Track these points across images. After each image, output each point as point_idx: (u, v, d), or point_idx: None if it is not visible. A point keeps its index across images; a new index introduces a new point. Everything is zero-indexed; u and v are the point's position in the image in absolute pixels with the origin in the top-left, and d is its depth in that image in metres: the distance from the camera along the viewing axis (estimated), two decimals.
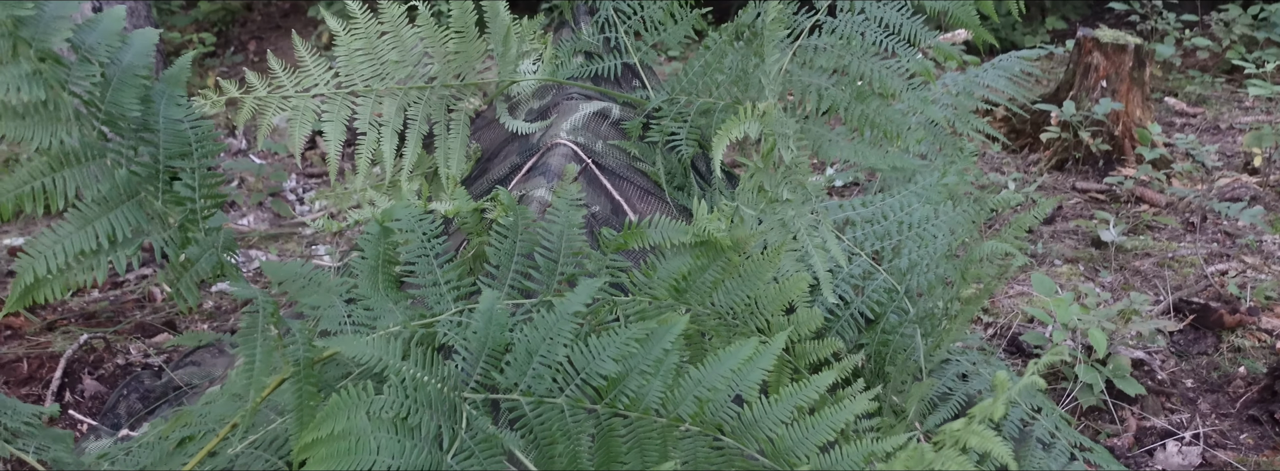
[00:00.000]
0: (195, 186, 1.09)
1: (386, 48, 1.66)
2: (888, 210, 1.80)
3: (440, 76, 1.73)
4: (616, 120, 1.88)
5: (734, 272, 1.47)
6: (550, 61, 1.91)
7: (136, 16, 4.58)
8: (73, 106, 0.99)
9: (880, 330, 1.64)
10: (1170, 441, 2.27)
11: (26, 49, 0.96)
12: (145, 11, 4.72)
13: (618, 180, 1.77)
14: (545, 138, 1.79)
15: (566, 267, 1.43)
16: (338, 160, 1.65)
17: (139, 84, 1.04)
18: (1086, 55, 3.63)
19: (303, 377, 1.14)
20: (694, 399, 1.23)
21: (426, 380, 1.10)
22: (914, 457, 1.05)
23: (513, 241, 1.43)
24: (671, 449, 1.22)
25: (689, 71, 1.83)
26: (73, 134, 0.99)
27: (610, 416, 1.21)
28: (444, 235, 1.42)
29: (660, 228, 1.44)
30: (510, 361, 1.19)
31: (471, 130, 1.86)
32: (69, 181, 0.99)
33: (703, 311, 1.46)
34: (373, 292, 1.37)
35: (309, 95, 1.62)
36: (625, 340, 1.22)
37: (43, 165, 0.97)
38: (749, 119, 1.42)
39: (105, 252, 1.00)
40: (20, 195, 0.97)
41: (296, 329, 1.15)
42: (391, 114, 1.67)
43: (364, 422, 1.02)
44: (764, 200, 1.50)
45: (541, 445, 1.18)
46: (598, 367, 1.20)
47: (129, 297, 3.31)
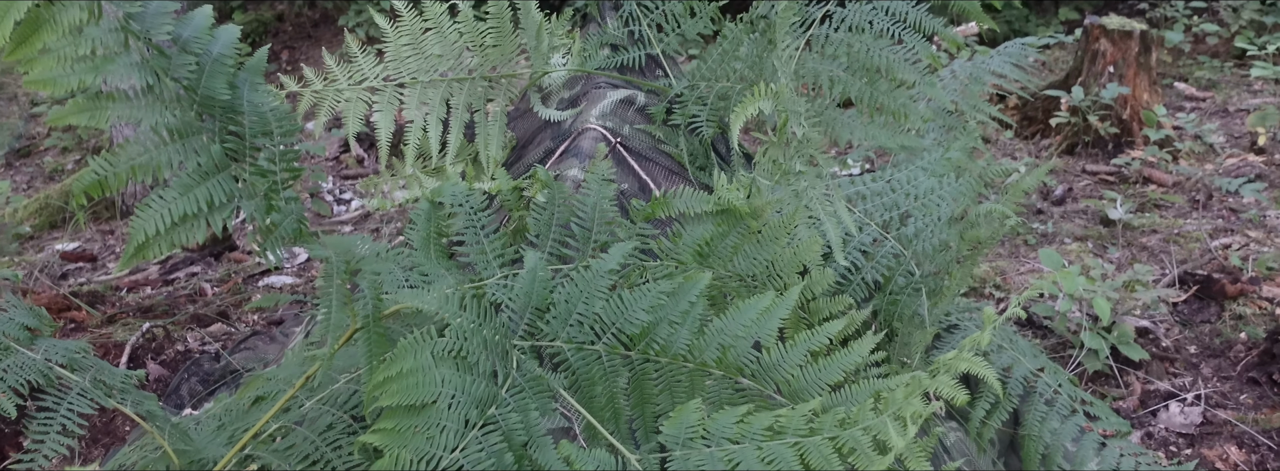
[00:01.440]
0: (276, 160, 1.24)
1: (431, 43, 1.81)
2: (896, 184, 1.94)
3: (479, 69, 1.88)
4: (641, 106, 2.03)
5: (752, 238, 1.61)
6: (579, 54, 2.06)
7: None
8: (174, 91, 1.15)
9: (888, 292, 1.78)
10: (1172, 402, 2.39)
11: (136, 41, 1.12)
12: None
13: (644, 161, 1.92)
14: (576, 123, 1.94)
15: (600, 236, 1.58)
16: (388, 147, 1.80)
17: (226, 72, 1.20)
18: (1094, 42, 3.75)
19: (372, 329, 1.29)
20: (718, 346, 1.37)
21: (480, 328, 1.25)
22: (913, 385, 1.19)
23: (551, 213, 1.58)
24: (698, 390, 1.37)
25: (708, 60, 1.97)
26: (174, 115, 1.15)
27: (643, 361, 1.35)
28: (489, 209, 1.57)
29: (684, 198, 1.59)
30: (552, 315, 1.34)
31: (507, 120, 2.01)
32: (173, 155, 1.14)
33: (724, 274, 1.60)
34: (426, 260, 1.53)
35: (361, 88, 1.77)
36: (655, 294, 1.37)
37: (154, 140, 1.13)
38: (763, 97, 1.56)
39: (205, 215, 1.15)
40: (134, 167, 1.12)
41: (365, 286, 1.30)
42: (436, 104, 1.82)
43: (429, 361, 1.17)
44: (779, 172, 1.64)
45: (582, 386, 1.32)
46: (631, 318, 1.35)
47: (181, 293, 3.49)
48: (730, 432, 1.23)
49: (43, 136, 6.11)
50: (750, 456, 1.20)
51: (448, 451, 1.11)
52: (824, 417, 1.22)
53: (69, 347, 1.45)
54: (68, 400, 1.35)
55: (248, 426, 1.53)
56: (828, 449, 1.18)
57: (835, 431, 1.19)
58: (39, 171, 5.77)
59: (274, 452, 1.50)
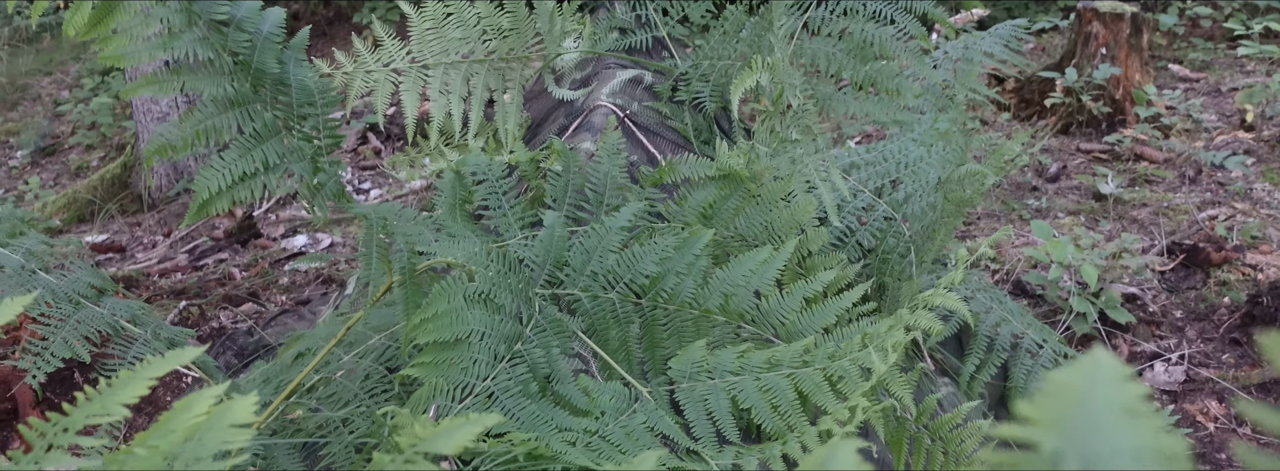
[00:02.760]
0: (319, 128, 1.39)
1: (452, 27, 1.95)
2: (887, 153, 2.08)
3: (497, 52, 2.02)
4: (649, 85, 2.16)
5: (752, 201, 1.75)
6: (589, 37, 2.20)
7: None
8: (230, 64, 1.29)
9: (880, 252, 1.91)
10: (1157, 362, 2.52)
11: (197, 19, 1.26)
12: None
13: (651, 135, 2.06)
14: (587, 101, 2.08)
15: (612, 200, 1.72)
16: (414, 124, 1.94)
17: (275, 48, 1.34)
18: (1087, 25, 3.87)
19: (407, 280, 1.43)
20: (720, 294, 1.51)
21: (506, 277, 1.39)
22: (897, 323, 1.33)
23: (566, 180, 1.72)
24: (703, 334, 1.50)
25: (710, 40, 2.11)
26: (232, 86, 1.29)
27: (652, 308, 1.49)
28: (509, 178, 1.71)
29: (689, 164, 1.73)
30: (570, 268, 1.48)
31: (523, 100, 2.15)
32: (231, 121, 1.28)
33: (726, 234, 1.74)
34: (453, 223, 1.67)
35: (388, 69, 1.91)
36: (663, 248, 1.51)
37: (214, 108, 1.27)
38: (761, 70, 1.70)
39: (261, 175, 1.30)
40: (198, 131, 1.27)
41: (400, 243, 1.44)
42: (458, 84, 1.96)
43: (461, 303, 1.31)
44: (776, 140, 1.78)
45: (598, 330, 1.46)
46: (641, 269, 1.49)
47: (211, 277, 3.64)
48: (731, 366, 1.37)
49: (67, 135, 6.27)
50: (749, 386, 1.34)
51: (480, 380, 1.25)
52: (816, 352, 1.36)
53: (131, 306, 1.60)
54: (134, 349, 1.50)
55: (292, 379, 1.68)
56: (819, 377, 1.31)
57: (825, 363, 1.33)
58: (65, 168, 5.93)
59: (317, 399, 1.65)
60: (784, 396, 1.32)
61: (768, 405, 1.32)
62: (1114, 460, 0.28)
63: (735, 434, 1.33)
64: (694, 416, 1.34)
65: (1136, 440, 0.28)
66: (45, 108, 6.72)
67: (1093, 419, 0.29)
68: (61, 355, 1.39)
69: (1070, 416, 0.30)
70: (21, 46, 7.86)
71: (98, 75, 6.62)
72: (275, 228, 4.14)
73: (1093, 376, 0.32)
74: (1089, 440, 0.29)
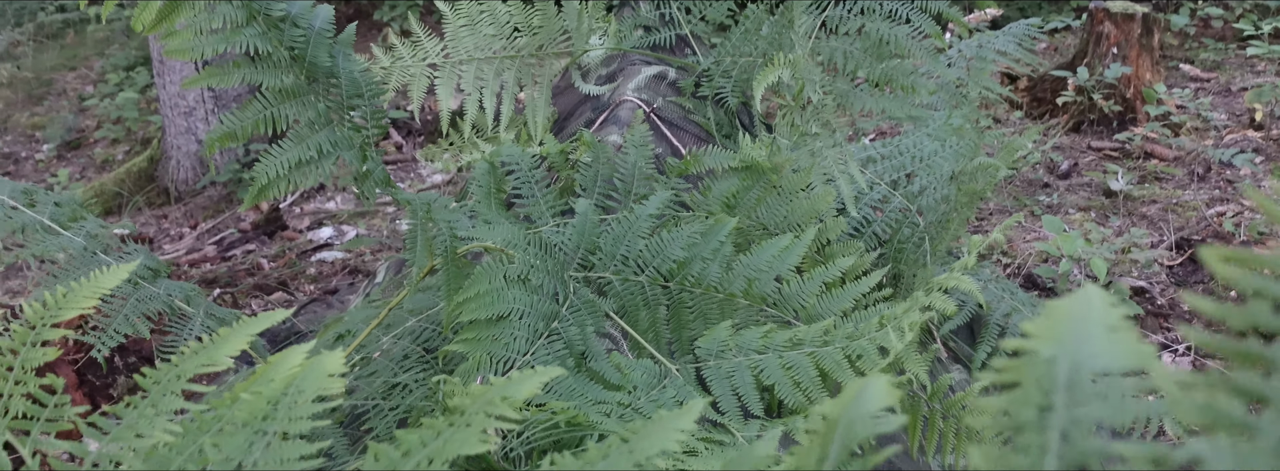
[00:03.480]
0: (367, 118, 1.47)
1: (484, 24, 2.04)
2: (903, 148, 2.15)
3: (527, 48, 2.10)
4: (672, 81, 2.24)
5: (773, 191, 1.82)
6: (614, 35, 2.28)
7: None
8: (287, 58, 1.37)
9: (896, 241, 1.99)
10: (1165, 353, 2.59)
11: (256, 15, 1.34)
12: None
13: (675, 129, 2.14)
14: (613, 96, 2.16)
15: (639, 189, 1.79)
16: (448, 116, 2.02)
17: (326, 43, 1.42)
18: (1098, 25, 3.94)
19: (449, 262, 1.51)
20: (744, 278, 1.59)
21: (542, 260, 1.47)
22: (913, 304, 1.40)
23: (595, 170, 1.80)
24: (727, 316, 1.58)
25: (732, 38, 2.18)
26: (288, 78, 1.37)
27: (680, 291, 1.57)
28: (540, 168, 1.79)
29: (713, 155, 1.81)
30: (602, 253, 1.56)
31: (551, 95, 2.23)
32: (289, 111, 1.37)
33: (749, 223, 1.82)
34: (488, 210, 1.75)
35: (424, 64, 2.00)
36: (689, 234, 1.59)
37: (272, 99, 1.35)
38: (782, 66, 1.77)
39: (315, 162, 1.38)
40: (258, 120, 1.35)
41: (443, 227, 1.52)
42: (490, 78, 2.04)
43: (501, 283, 1.39)
44: (796, 133, 1.85)
45: (628, 311, 1.54)
46: (669, 255, 1.57)
47: (240, 268, 3.74)
48: (756, 345, 1.45)
49: (93, 129, 6.37)
50: (773, 363, 1.42)
51: (520, 354, 1.34)
52: (835, 332, 1.43)
53: (184, 287, 1.68)
54: (189, 327, 1.58)
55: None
56: (839, 355, 1.39)
57: (845, 342, 1.41)
58: (90, 162, 6.03)
59: (358, 378, 1.73)
60: (806, 373, 1.40)
61: (790, 381, 1.40)
62: (1096, 361, 0.36)
63: (759, 408, 1.40)
64: (720, 392, 1.42)
65: (1116, 347, 0.36)
66: (70, 102, 6.83)
67: (1083, 332, 0.37)
68: (124, 331, 1.47)
69: (1064, 330, 0.38)
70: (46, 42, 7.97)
71: (122, 71, 6.73)
72: (300, 220, 4.23)
73: (1085, 303, 0.39)
74: (1078, 347, 0.37)
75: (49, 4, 8.29)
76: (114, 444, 0.71)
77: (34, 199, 1.63)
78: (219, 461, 0.66)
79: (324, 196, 4.50)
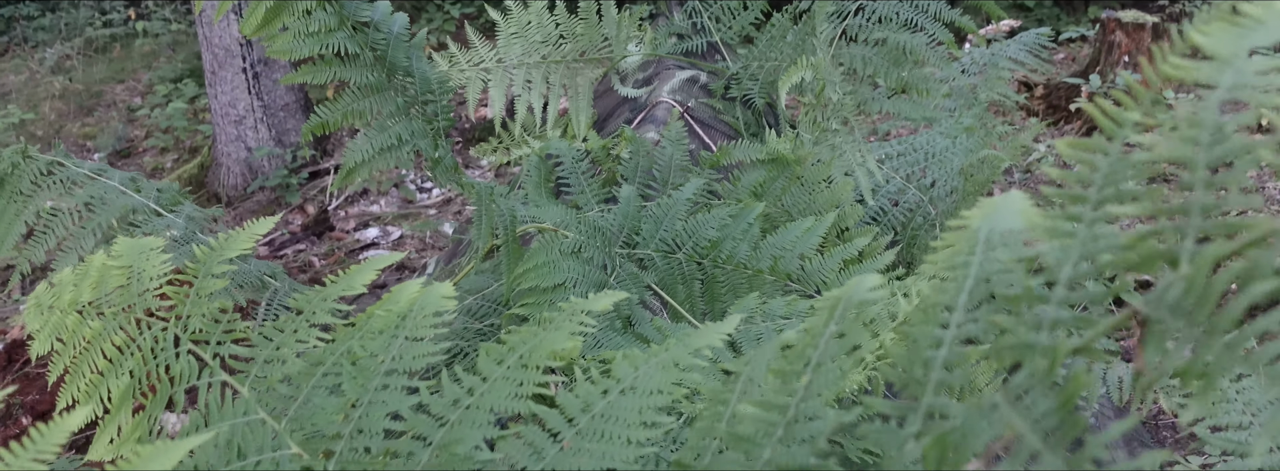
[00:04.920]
0: (438, 112, 1.67)
1: (533, 32, 2.24)
2: (917, 145, 2.33)
3: (571, 53, 2.30)
4: (704, 84, 2.44)
5: (797, 182, 2.01)
6: (650, 42, 2.48)
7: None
8: (371, 58, 1.58)
9: (909, 229, 2.17)
10: None
11: (346, 20, 1.55)
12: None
13: (707, 128, 2.33)
14: (650, 98, 2.35)
15: (676, 180, 1.98)
16: (501, 115, 2.22)
17: (403, 44, 1.62)
18: (1110, 34, 4.10)
19: (510, 240, 1.70)
20: (770, 257, 1.77)
21: (591, 237, 1.66)
22: (921, 275, 1.58)
23: (636, 162, 1.99)
24: (755, 290, 1.77)
25: (759, 44, 2.38)
26: (372, 75, 1.57)
27: (713, 267, 1.76)
28: (585, 161, 1.98)
29: (742, 148, 1.99)
30: (643, 234, 1.75)
31: (592, 97, 2.43)
32: (372, 104, 1.57)
33: (775, 210, 2.00)
34: (540, 197, 1.94)
35: (479, 68, 2.20)
36: (722, 217, 1.78)
37: (359, 94, 1.55)
38: (805, 68, 1.96)
39: (395, 149, 1.58)
40: (347, 112, 1.55)
41: (504, 209, 1.72)
42: (537, 81, 2.24)
43: (557, 255, 1.58)
44: (818, 130, 2.04)
45: (667, 285, 1.73)
46: (703, 235, 1.76)
47: (292, 265, 3.95)
48: (781, 312, 1.63)
49: (142, 138, 6.63)
50: (796, 328, 1.60)
51: None
52: None
53: (270, 265, 1.88)
54: (278, 298, 1.78)
55: None
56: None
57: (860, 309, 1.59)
58: (140, 170, 6.27)
59: None
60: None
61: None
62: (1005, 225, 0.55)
63: None
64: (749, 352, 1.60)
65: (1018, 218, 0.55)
66: (119, 113, 7.10)
67: (1001, 212, 0.56)
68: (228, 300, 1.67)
69: (989, 212, 0.57)
70: (94, 56, 8.26)
71: (170, 82, 6.99)
72: (346, 222, 4.45)
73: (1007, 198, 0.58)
74: (995, 220, 0.56)
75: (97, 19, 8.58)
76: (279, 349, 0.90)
77: (139, 186, 1.84)
78: (365, 356, 0.86)
79: (367, 200, 4.71)
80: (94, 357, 0.98)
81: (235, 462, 0.80)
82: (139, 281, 0.99)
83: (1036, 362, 0.41)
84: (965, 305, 0.50)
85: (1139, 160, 0.43)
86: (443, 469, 0.74)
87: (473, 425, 0.77)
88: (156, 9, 8.30)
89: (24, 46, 8.46)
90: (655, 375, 0.80)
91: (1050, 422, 0.39)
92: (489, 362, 0.83)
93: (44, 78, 7.75)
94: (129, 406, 0.94)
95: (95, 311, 1.00)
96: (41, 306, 1.02)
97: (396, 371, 0.83)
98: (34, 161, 1.75)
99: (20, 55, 8.31)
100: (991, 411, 0.41)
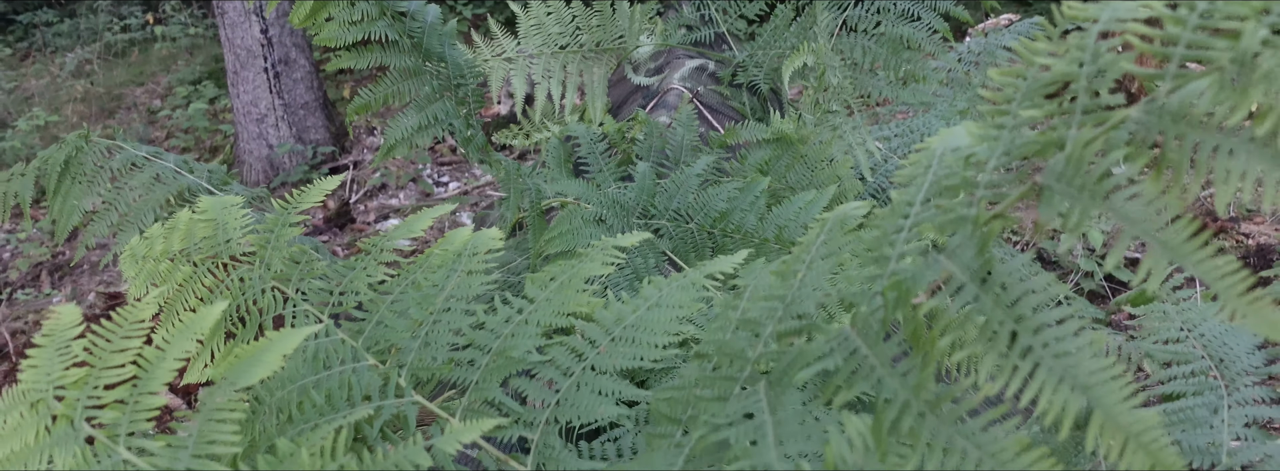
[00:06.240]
0: (469, 95, 1.81)
1: (551, 23, 2.39)
2: (913, 127, 2.47)
3: (587, 44, 2.45)
4: (712, 72, 2.58)
5: (800, 160, 2.16)
6: (661, 33, 2.62)
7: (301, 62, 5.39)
8: (408, 45, 1.72)
9: None
10: None
11: (386, 9, 1.70)
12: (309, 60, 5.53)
13: (715, 113, 2.47)
14: (661, 85, 2.50)
15: (687, 159, 2.13)
16: (522, 102, 2.37)
17: (438, 33, 1.77)
18: None
19: (535, 213, 1.85)
20: (775, 226, 1.91)
21: (611, 208, 1.81)
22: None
23: (650, 142, 2.14)
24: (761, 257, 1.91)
25: (763, 34, 2.52)
26: (410, 60, 1.72)
27: (723, 236, 1.90)
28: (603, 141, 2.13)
29: (749, 128, 2.14)
30: (658, 206, 1.90)
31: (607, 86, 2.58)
32: (410, 87, 1.72)
33: (779, 187, 2.15)
34: (561, 176, 2.09)
35: (501, 58, 2.35)
36: (731, 189, 1.92)
37: (398, 76, 1.70)
38: (806, 53, 2.11)
39: (431, 127, 1.73)
40: (387, 95, 1.70)
41: (529, 185, 1.87)
42: (556, 70, 2.39)
43: (580, 222, 1.73)
44: (819, 112, 2.18)
45: (680, 252, 1.87)
46: (713, 207, 1.90)
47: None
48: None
49: (164, 139, 6.79)
50: None
51: (598, 278, 1.67)
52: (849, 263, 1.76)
53: (312, 240, 2.03)
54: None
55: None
56: None
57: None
58: None
59: None
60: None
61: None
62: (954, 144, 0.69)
63: None
64: None
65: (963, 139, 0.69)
66: (140, 114, 7.26)
67: (952, 137, 0.70)
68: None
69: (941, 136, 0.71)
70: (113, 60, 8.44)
71: (189, 84, 7.16)
72: (367, 214, 4.60)
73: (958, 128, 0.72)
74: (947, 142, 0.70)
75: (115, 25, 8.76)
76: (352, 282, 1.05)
77: (191, 167, 1.99)
78: (428, 285, 1.00)
79: (387, 193, 4.87)
80: (187, 297, 1.13)
81: (321, 372, 0.95)
82: (224, 231, 1.14)
83: (965, 227, 0.56)
84: (921, 200, 0.64)
85: (1044, 78, 0.57)
86: (500, 369, 0.89)
87: (524, 336, 0.92)
88: (174, 14, 8.48)
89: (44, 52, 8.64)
90: (677, 294, 0.94)
91: (973, 265, 0.53)
92: (535, 287, 0.98)
93: (65, 82, 7.93)
94: (221, 336, 1.09)
95: (186, 258, 1.15)
96: (136, 256, 1.17)
97: (455, 297, 0.98)
98: (96, 144, 1.90)
99: (41, 60, 8.50)
100: (933, 262, 0.55)
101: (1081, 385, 0.48)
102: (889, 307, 0.58)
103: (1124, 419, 0.47)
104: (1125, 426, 0.47)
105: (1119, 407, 0.48)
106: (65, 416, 0.69)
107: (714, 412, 0.65)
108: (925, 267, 0.56)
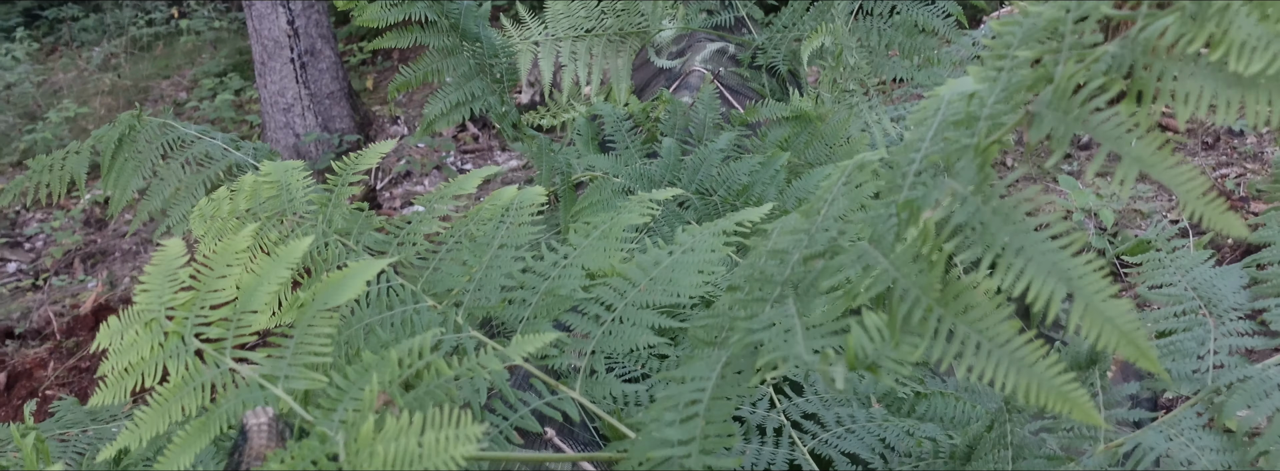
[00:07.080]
0: (502, 74, 1.91)
1: (577, 8, 2.48)
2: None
3: (612, 28, 2.54)
4: (732, 54, 2.67)
5: (818, 136, 2.24)
6: (683, 17, 2.71)
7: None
8: (447, 25, 1.82)
9: None
10: None
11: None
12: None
13: (735, 94, 2.56)
14: (683, 68, 2.59)
15: (709, 136, 2.22)
16: (550, 84, 2.46)
17: (473, 14, 1.87)
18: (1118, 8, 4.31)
19: (566, 186, 1.94)
20: (795, 199, 2.00)
21: (638, 181, 1.90)
22: None
23: (674, 120, 2.23)
24: None
25: (781, 17, 2.61)
26: (448, 40, 1.82)
27: (745, 206, 1.99)
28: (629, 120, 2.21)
29: (769, 107, 2.23)
30: (683, 179, 1.99)
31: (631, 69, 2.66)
32: (448, 66, 1.81)
33: (798, 162, 2.23)
34: (589, 153, 2.18)
35: (529, 41, 2.44)
36: (752, 164, 2.01)
37: (436, 55, 1.79)
38: (825, 34, 2.19)
39: (466, 104, 1.82)
40: (426, 72, 1.79)
41: (562, 158, 1.96)
42: (583, 54, 2.48)
43: (609, 194, 1.82)
44: (836, 91, 2.26)
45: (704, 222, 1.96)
46: (736, 181, 1.99)
47: None
48: None
49: None
50: None
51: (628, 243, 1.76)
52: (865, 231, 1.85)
53: None
54: None
55: None
56: None
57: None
58: None
59: None
60: None
61: None
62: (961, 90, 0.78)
63: None
64: None
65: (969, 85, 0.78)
66: (167, 106, 7.39)
67: (957, 85, 0.79)
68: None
69: (953, 83, 0.80)
70: (139, 54, 8.57)
71: (215, 77, 7.28)
72: (393, 201, 4.71)
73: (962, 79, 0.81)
74: (953, 89, 0.79)
75: (140, 19, 8.89)
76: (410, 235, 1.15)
77: (238, 145, 2.09)
78: (480, 235, 1.10)
79: (412, 181, 4.97)
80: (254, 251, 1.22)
81: (385, 312, 1.04)
82: (288, 191, 1.24)
83: (968, 154, 0.65)
84: (931, 137, 0.73)
85: (1035, 24, 0.66)
86: (550, 307, 0.98)
87: (571, 278, 1.01)
88: (198, 8, 8.60)
89: (71, 46, 8.78)
90: (709, 240, 1.03)
91: (974, 181, 0.62)
92: (578, 236, 1.07)
93: (92, 75, 8.07)
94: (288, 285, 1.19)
95: (252, 217, 1.24)
96: (205, 216, 1.27)
97: (506, 245, 1.08)
98: (149, 123, 2.00)
99: (68, 54, 8.63)
100: (940, 182, 0.64)
101: (1065, 277, 0.57)
102: (902, 224, 0.67)
103: (1101, 305, 0.56)
104: (1102, 311, 0.56)
105: (1097, 296, 0.56)
106: (175, 333, 0.79)
107: (748, 325, 0.74)
108: (933, 188, 0.64)
